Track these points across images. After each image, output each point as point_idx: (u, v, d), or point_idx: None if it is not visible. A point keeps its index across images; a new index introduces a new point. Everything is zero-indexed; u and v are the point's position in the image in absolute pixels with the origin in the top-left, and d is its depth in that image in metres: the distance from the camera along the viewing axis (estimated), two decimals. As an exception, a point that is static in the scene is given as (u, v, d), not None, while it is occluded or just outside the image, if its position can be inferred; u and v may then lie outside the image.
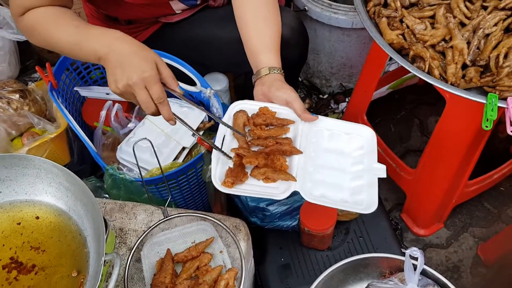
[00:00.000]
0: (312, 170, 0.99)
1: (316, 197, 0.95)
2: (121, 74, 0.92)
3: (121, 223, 1.11)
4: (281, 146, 1.00)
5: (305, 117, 1.03)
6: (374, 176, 0.97)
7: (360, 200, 0.94)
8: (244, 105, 1.09)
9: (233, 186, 0.96)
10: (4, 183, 0.97)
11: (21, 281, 0.89)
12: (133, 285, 0.97)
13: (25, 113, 1.54)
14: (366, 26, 1.12)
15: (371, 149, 1.01)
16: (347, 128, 1.04)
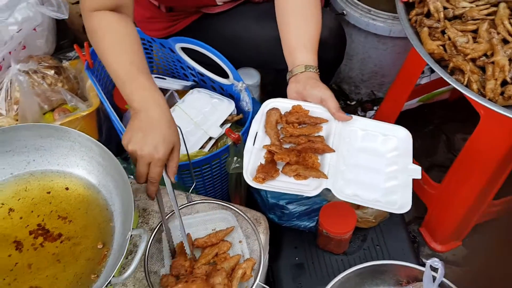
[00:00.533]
0: (345, 169, 0.99)
1: (347, 195, 0.95)
2: (137, 139, 0.91)
3: (145, 204, 1.12)
4: (313, 144, 1.01)
5: (339, 116, 1.03)
6: (408, 177, 0.96)
7: (394, 200, 0.94)
8: (277, 103, 1.10)
9: (264, 182, 0.97)
10: (38, 152, 1.00)
11: (47, 247, 0.91)
12: (152, 264, 0.98)
13: (58, 89, 1.57)
14: (407, 33, 1.12)
15: (406, 150, 1.01)
16: (382, 129, 1.04)
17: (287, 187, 0.96)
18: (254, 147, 1.02)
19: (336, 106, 1.04)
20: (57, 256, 0.89)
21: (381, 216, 1.35)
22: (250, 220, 1.03)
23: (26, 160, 0.99)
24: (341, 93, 1.97)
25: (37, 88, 1.54)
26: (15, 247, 0.91)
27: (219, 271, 0.93)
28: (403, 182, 0.97)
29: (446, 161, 1.75)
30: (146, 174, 0.93)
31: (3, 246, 0.91)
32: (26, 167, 0.99)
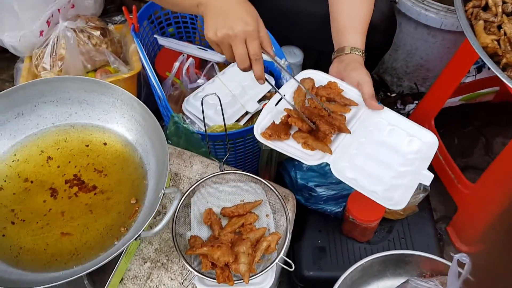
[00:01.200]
0: (355, 153, 0.98)
1: (346, 177, 0.94)
2: (223, 22, 0.88)
3: (177, 169, 1.14)
4: (332, 119, 1.00)
5: (370, 103, 1.01)
6: (416, 181, 0.95)
7: (391, 196, 0.93)
8: (315, 74, 1.09)
9: (270, 138, 0.97)
10: (80, 105, 1.02)
11: (80, 198, 0.93)
12: (179, 227, 0.99)
13: (103, 50, 1.60)
14: (461, 24, 1.09)
15: (427, 155, 0.99)
16: (411, 129, 1.01)
17: (291, 151, 0.97)
18: (275, 107, 1.02)
19: (371, 92, 1.02)
20: (90, 207, 0.92)
21: (410, 210, 1.33)
22: (279, 195, 1.03)
23: (68, 112, 1.02)
24: (382, 84, 1.94)
25: (82, 47, 1.57)
26: (51, 194, 0.94)
27: (244, 241, 0.94)
28: (409, 183, 0.95)
29: (482, 163, 1.71)
30: (247, 55, 0.89)
31: (39, 192, 0.94)
32: (68, 119, 1.02)
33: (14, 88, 0.97)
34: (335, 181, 1.34)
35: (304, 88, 1.03)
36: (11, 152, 0.97)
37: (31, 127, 1.00)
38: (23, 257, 0.85)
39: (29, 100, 0.99)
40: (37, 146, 0.99)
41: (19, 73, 1.63)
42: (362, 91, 1.03)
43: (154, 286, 0.97)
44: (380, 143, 1.01)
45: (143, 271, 0.99)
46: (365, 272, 1.06)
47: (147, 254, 1.01)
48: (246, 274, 0.90)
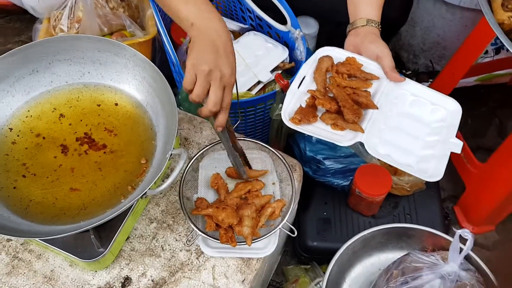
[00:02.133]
0: (384, 128, 0.98)
1: (380, 154, 0.94)
2: (215, 61, 0.82)
3: (187, 133, 1.15)
4: (358, 97, 0.99)
5: (392, 76, 1.01)
6: (447, 150, 0.94)
7: (426, 168, 0.93)
8: (332, 51, 1.08)
9: (299, 123, 0.97)
10: (93, 65, 1.03)
11: (90, 155, 0.95)
12: (187, 190, 1.01)
13: (119, 13, 1.60)
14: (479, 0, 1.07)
15: (453, 123, 0.98)
16: (434, 98, 1.01)
17: (321, 133, 0.96)
18: (298, 90, 1.02)
19: (391, 65, 1.02)
20: (99, 165, 0.94)
21: (417, 186, 1.33)
22: (287, 164, 1.03)
23: (82, 71, 1.03)
24: (398, 61, 1.91)
25: (100, 10, 1.58)
26: (61, 150, 0.95)
27: (250, 205, 0.96)
28: (440, 153, 0.95)
29: (494, 145, 1.69)
30: (220, 101, 0.84)
31: (50, 148, 0.96)
32: (81, 78, 1.03)
33: (30, 45, 0.98)
34: (343, 155, 1.34)
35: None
36: (24, 108, 0.99)
37: (45, 85, 1.01)
38: (32, 209, 0.88)
39: (44, 58, 1.00)
40: (50, 103, 1.00)
41: (37, 34, 1.65)
42: (383, 64, 1.02)
43: (159, 245, 0.99)
44: (405, 115, 1.01)
45: (149, 231, 1.01)
46: (366, 244, 1.07)
47: (153, 214, 1.03)
48: (249, 237, 0.92)
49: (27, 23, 2.05)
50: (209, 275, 0.96)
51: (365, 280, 1.08)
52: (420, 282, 0.91)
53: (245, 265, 0.98)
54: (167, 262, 0.97)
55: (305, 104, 1.01)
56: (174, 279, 0.96)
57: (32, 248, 0.99)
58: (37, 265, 0.97)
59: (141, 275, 0.96)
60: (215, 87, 0.83)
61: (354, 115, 0.96)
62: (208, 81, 0.83)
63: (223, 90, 0.84)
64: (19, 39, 2.03)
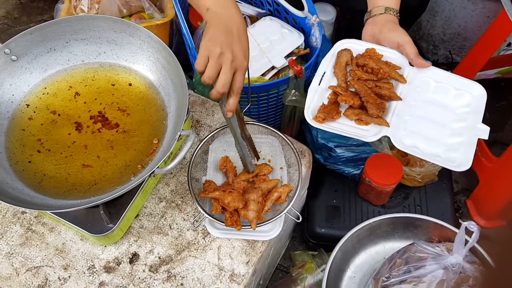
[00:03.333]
0: (409, 119, 0.97)
1: (406, 146, 0.94)
2: (228, 43, 0.83)
3: (199, 116, 1.16)
4: (380, 90, 0.99)
5: (418, 62, 1.00)
6: (474, 136, 0.94)
7: (453, 157, 0.92)
8: (350, 44, 1.07)
9: (323, 122, 0.97)
10: (109, 45, 1.05)
11: (103, 133, 0.97)
12: (196, 172, 1.03)
13: (139, -5, 1.62)
14: (499, -10, 1.05)
15: (478, 108, 0.97)
16: (457, 83, 1.00)
17: (346, 130, 0.96)
18: (319, 86, 1.02)
19: (415, 51, 1.00)
20: (111, 143, 0.96)
21: (429, 178, 1.32)
22: (295, 149, 1.04)
23: (98, 51, 1.05)
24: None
25: (119, -9, 1.59)
26: (76, 127, 0.98)
27: (256, 189, 0.97)
28: (467, 140, 0.94)
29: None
30: (229, 84, 0.84)
31: (65, 125, 0.98)
32: (97, 58, 1.05)
33: (48, 23, 1.00)
34: (355, 143, 1.34)
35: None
36: (41, 85, 1.02)
37: (62, 63, 1.04)
38: (46, 183, 0.91)
39: (61, 37, 1.02)
40: (66, 82, 1.03)
41: (58, 14, 1.67)
42: (406, 51, 1.01)
43: (167, 224, 1.02)
44: (429, 102, 1.00)
45: (158, 210, 1.03)
46: (372, 232, 1.08)
47: (163, 194, 1.05)
48: (254, 221, 0.93)
49: (50, 3, 2.09)
50: (215, 255, 0.98)
51: (369, 268, 1.09)
52: (423, 272, 0.92)
53: (250, 247, 0.99)
54: (174, 240, 1.00)
55: (327, 101, 1.01)
56: (180, 257, 0.98)
57: (45, 221, 1.02)
58: (50, 237, 1.00)
59: (149, 252, 0.98)
60: (226, 69, 0.83)
61: (378, 110, 0.96)
62: (220, 63, 0.83)
63: (234, 73, 0.84)
64: (42, 18, 2.07)
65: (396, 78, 1.00)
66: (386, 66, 1.01)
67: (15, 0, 2.13)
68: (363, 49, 1.05)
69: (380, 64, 1.01)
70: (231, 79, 0.84)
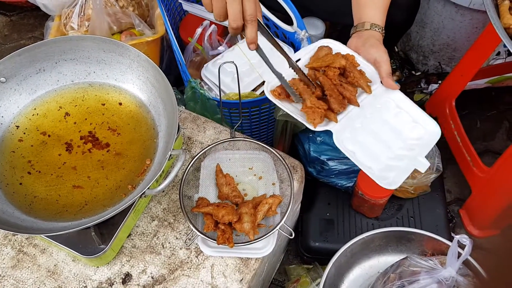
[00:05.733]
0: (359, 127, 0.98)
1: (346, 149, 0.95)
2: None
3: (190, 133, 1.16)
4: (344, 90, 0.99)
5: (387, 82, 1.01)
6: (412, 166, 0.95)
7: (386, 176, 0.93)
8: (333, 44, 1.09)
9: (279, 98, 0.99)
10: (99, 65, 1.05)
11: (94, 154, 0.97)
12: (188, 189, 1.03)
13: (129, 12, 1.62)
14: (485, 3, 1.06)
15: (427, 144, 0.98)
16: (416, 115, 1.01)
17: (295, 112, 0.97)
18: (288, 69, 1.03)
19: (388, 71, 1.02)
20: (102, 163, 0.96)
21: (421, 189, 1.33)
22: (287, 165, 1.04)
23: (87, 71, 1.05)
24: (408, 62, 1.90)
25: (109, 8, 1.60)
26: (66, 148, 0.98)
27: (246, 203, 0.98)
28: (405, 167, 0.95)
29: (503, 149, 1.67)
30: (241, 13, 0.81)
31: (55, 146, 0.98)
32: (86, 77, 1.05)
33: (37, 44, 1.00)
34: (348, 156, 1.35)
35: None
36: (31, 106, 1.02)
37: (51, 83, 1.04)
38: (36, 205, 0.90)
39: (50, 57, 1.02)
40: (56, 102, 1.03)
41: (48, 31, 1.68)
42: (379, 68, 1.02)
43: (159, 243, 1.01)
44: (384, 122, 1.01)
45: (150, 229, 1.03)
46: (366, 246, 1.08)
47: (155, 212, 1.05)
48: (251, 232, 0.93)
49: (41, 20, 2.09)
50: (208, 273, 0.98)
51: (364, 283, 1.09)
52: (417, 287, 0.92)
53: (243, 264, 0.99)
54: (167, 259, 0.99)
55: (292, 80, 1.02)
56: (173, 276, 0.97)
57: (37, 243, 1.01)
58: (41, 259, 0.99)
59: (141, 272, 0.98)
60: (230, 1, 0.80)
61: (340, 106, 0.97)
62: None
63: (241, 2, 0.81)
64: (32, 35, 2.07)
65: (362, 87, 1.02)
66: (357, 73, 1.02)
67: (5, 18, 2.12)
68: (343, 53, 1.06)
69: (352, 69, 1.03)
70: (240, 9, 0.81)
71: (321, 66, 1.02)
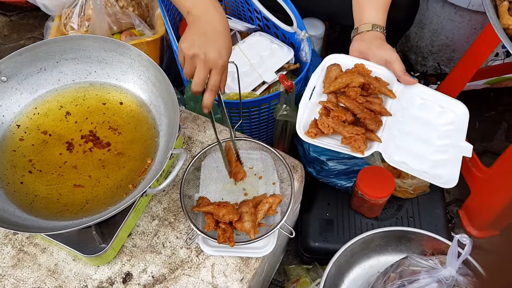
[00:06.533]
0: (398, 135, 0.98)
1: (396, 162, 0.94)
2: (201, 43, 0.87)
3: (191, 133, 1.16)
4: (371, 105, 0.99)
5: (405, 79, 1.01)
6: (459, 154, 0.95)
7: (440, 174, 0.93)
8: (339, 58, 1.08)
9: (315, 137, 0.97)
10: (100, 64, 1.05)
11: (94, 153, 0.97)
12: (188, 189, 1.03)
13: (129, 12, 1.62)
14: (484, 4, 1.06)
15: (461, 126, 0.99)
16: (442, 101, 1.02)
17: (338, 145, 0.96)
18: (310, 101, 1.03)
19: (402, 68, 1.02)
20: (103, 162, 0.96)
21: (420, 189, 1.33)
22: (287, 165, 1.04)
23: (88, 70, 1.05)
24: (406, 63, 1.91)
25: (109, 8, 1.60)
26: (67, 147, 0.98)
27: (247, 202, 0.98)
28: (452, 158, 0.95)
29: (502, 150, 1.67)
30: (205, 81, 0.88)
31: (56, 145, 0.98)
32: (87, 77, 1.05)
33: (38, 44, 1.00)
34: (347, 156, 1.35)
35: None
36: (32, 106, 1.02)
37: (52, 83, 1.04)
38: (37, 204, 0.90)
39: (51, 56, 1.02)
40: (57, 101, 1.03)
41: (48, 32, 1.68)
42: (393, 68, 1.02)
43: (160, 242, 1.01)
44: (414, 119, 1.01)
45: (151, 228, 1.03)
46: (365, 246, 1.08)
47: (156, 212, 1.05)
48: (251, 231, 0.93)
49: (40, 20, 2.09)
50: (208, 273, 0.98)
51: (364, 282, 1.09)
52: (417, 286, 0.92)
53: (244, 264, 0.99)
54: (167, 259, 0.99)
55: (319, 116, 1.01)
56: (174, 276, 0.97)
57: (37, 242, 1.01)
58: (42, 258, 0.99)
59: (142, 271, 0.98)
60: (198, 68, 0.87)
61: (377, 125, 0.96)
62: (193, 62, 0.88)
63: (209, 72, 0.88)
64: (32, 35, 2.07)
65: (386, 94, 1.01)
66: (376, 82, 1.02)
67: (5, 18, 2.12)
68: (352, 64, 1.06)
69: (370, 80, 1.02)
70: (204, 78, 0.88)
71: (340, 88, 1.01)
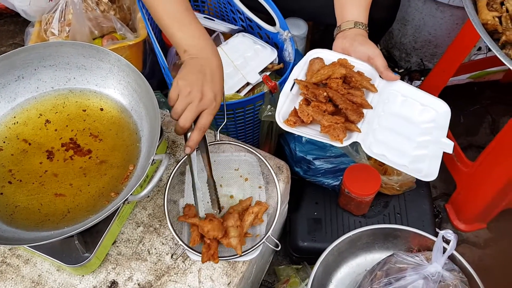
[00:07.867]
0: (377, 128, 0.98)
1: (375, 154, 0.94)
2: (198, 84, 0.88)
3: (174, 137, 1.16)
4: (352, 97, 0.99)
5: (387, 75, 1.01)
6: (439, 149, 0.95)
7: (420, 168, 0.93)
8: (322, 53, 1.08)
9: (294, 125, 0.97)
10: (79, 71, 1.03)
11: (75, 161, 0.96)
12: (174, 194, 1.02)
13: (110, 16, 1.60)
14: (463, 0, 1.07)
15: (442, 124, 0.99)
16: (423, 99, 1.02)
17: (317, 135, 0.96)
18: (291, 92, 1.02)
19: (385, 64, 1.02)
20: (84, 170, 0.94)
21: (407, 186, 1.34)
22: (270, 166, 1.04)
23: (67, 77, 1.03)
24: (390, 59, 1.91)
25: (90, 13, 1.58)
26: (47, 156, 0.96)
27: (231, 214, 0.96)
28: (432, 153, 0.95)
29: (486, 143, 1.68)
30: (192, 121, 0.88)
31: (36, 154, 0.97)
32: (66, 84, 1.04)
33: (15, 51, 0.98)
34: (333, 155, 1.35)
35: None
36: (11, 114, 1.00)
37: (31, 91, 1.02)
38: (18, 215, 0.89)
39: (29, 64, 1.01)
40: (36, 109, 1.01)
41: (28, 38, 1.65)
42: (376, 64, 1.03)
43: (145, 249, 1.00)
44: (395, 115, 1.01)
45: (135, 235, 1.02)
46: (352, 244, 1.08)
47: (140, 218, 1.04)
48: (238, 247, 0.92)
49: (21, 26, 2.07)
50: (195, 278, 0.97)
51: (351, 281, 1.09)
52: (404, 283, 0.92)
53: (231, 268, 0.98)
54: (153, 266, 0.98)
55: (299, 106, 1.01)
56: (160, 282, 0.96)
57: (20, 253, 1.00)
58: (25, 270, 0.98)
59: (128, 279, 0.97)
60: (192, 106, 0.87)
61: (358, 116, 0.97)
62: (188, 101, 0.88)
63: (200, 112, 0.88)
64: (13, 41, 2.04)
65: (367, 87, 1.01)
66: (358, 75, 1.02)
67: (-15, 25, 2.10)
68: (334, 59, 1.06)
69: (352, 73, 1.03)
70: (194, 116, 0.88)
71: (322, 80, 1.02)
